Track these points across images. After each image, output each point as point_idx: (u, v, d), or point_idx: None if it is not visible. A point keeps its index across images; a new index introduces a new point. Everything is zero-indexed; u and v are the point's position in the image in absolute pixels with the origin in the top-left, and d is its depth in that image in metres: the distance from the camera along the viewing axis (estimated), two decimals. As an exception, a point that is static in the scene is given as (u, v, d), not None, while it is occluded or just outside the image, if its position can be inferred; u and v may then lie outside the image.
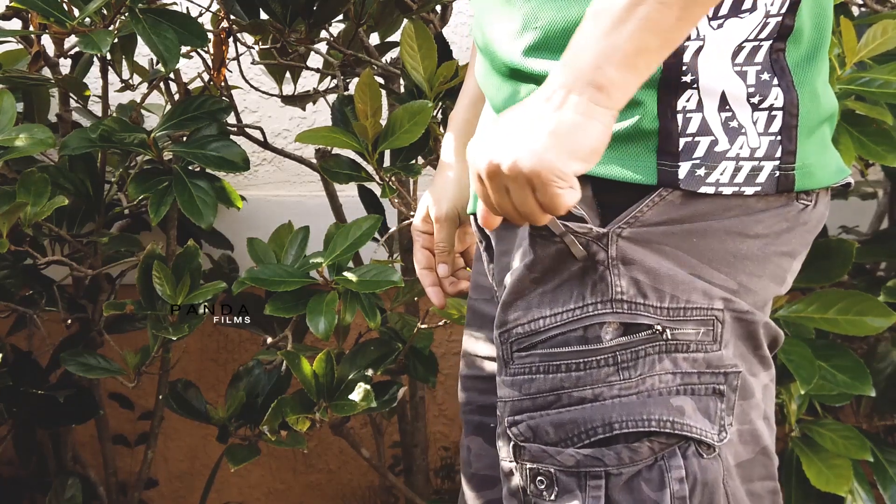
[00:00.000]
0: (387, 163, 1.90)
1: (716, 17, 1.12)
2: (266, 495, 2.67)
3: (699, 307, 1.16)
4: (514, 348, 1.20)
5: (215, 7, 2.00)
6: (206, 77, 2.03)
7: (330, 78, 2.14)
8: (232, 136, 1.96)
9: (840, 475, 1.92)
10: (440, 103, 1.90)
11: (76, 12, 1.76)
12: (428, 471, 2.36)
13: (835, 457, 1.94)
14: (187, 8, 1.94)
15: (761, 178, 1.14)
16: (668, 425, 1.15)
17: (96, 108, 2.12)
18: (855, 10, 2.05)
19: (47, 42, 2.02)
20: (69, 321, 2.09)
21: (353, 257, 1.95)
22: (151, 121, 2.20)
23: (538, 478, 1.19)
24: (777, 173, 1.15)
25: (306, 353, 1.85)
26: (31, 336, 2.39)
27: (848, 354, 1.92)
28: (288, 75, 2.12)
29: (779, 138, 1.14)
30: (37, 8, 1.75)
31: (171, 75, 1.99)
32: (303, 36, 1.97)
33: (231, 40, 1.98)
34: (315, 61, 2.16)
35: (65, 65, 2.10)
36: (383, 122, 1.84)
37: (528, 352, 1.19)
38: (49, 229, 1.97)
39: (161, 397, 2.08)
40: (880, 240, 2.26)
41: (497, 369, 1.23)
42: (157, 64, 1.83)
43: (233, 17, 1.95)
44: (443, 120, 1.92)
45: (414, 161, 1.90)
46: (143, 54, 2.05)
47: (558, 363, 1.17)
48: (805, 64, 1.16)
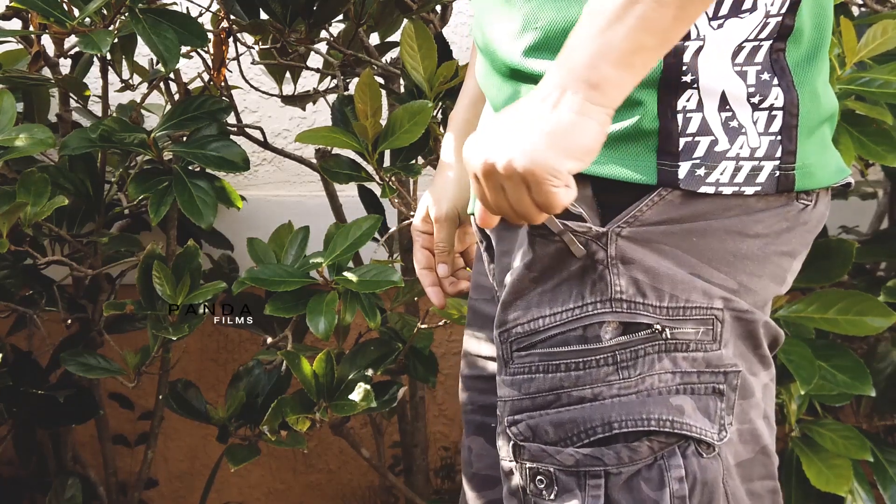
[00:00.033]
0: (387, 163, 1.90)
1: (716, 17, 1.12)
2: (266, 495, 2.67)
3: (699, 306, 1.16)
4: (513, 348, 1.20)
5: (215, 7, 2.00)
6: (206, 77, 2.03)
7: (330, 78, 2.14)
8: (232, 136, 1.96)
9: (840, 475, 1.92)
10: (440, 103, 1.90)
11: (76, 12, 1.76)
12: (428, 471, 2.36)
13: (835, 457, 1.94)
14: (187, 8, 1.94)
15: (761, 177, 1.14)
16: (667, 424, 1.15)
17: (96, 108, 2.12)
18: (855, 10, 2.05)
19: (47, 42, 2.02)
20: (69, 321, 2.09)
21: (353, 257, 1.95)
22: (151, 121, 2.20)
23: (538, 477, 1.19)
24: (777, 173, 1.15)
25: (306, 353, 1.85)
26: (31, 336, 2.39)
27: (848, 354, 1.92)
28: (288, 75, 2.12)
29: (779, 138, 1.14)
30: (37, 8, 1.75)
31: (171, 75, 1.99)
32: (303, 36, 1.97)
33: (231, 40, 1.98)
34: (315, 61, 2.16)
35: (65, 65, 2.09)
36: (383, 122, 1.84)
37: (528, 351, 1.19)
38: (49, 229, 1.97)
39: (161, 397, 2.08)
40: (880, 240, 2.26)
41: (497, 369, 1.23)
42: (157, 64, 1.83)
43: (233, 17, 1.95)
44: (443, 120, 1.92)
45: (414, 161, 1.90)
46: (143, 54, 2.05)
47: (558, 363, 1.17)
48: (805, 64, 1.16)
